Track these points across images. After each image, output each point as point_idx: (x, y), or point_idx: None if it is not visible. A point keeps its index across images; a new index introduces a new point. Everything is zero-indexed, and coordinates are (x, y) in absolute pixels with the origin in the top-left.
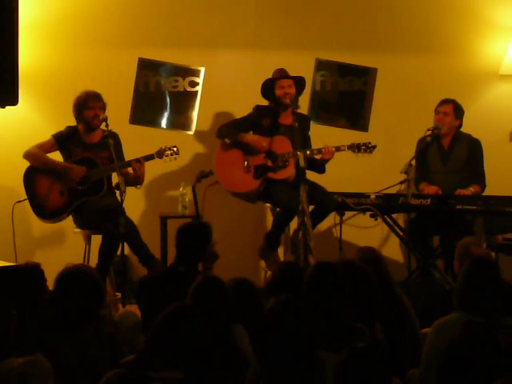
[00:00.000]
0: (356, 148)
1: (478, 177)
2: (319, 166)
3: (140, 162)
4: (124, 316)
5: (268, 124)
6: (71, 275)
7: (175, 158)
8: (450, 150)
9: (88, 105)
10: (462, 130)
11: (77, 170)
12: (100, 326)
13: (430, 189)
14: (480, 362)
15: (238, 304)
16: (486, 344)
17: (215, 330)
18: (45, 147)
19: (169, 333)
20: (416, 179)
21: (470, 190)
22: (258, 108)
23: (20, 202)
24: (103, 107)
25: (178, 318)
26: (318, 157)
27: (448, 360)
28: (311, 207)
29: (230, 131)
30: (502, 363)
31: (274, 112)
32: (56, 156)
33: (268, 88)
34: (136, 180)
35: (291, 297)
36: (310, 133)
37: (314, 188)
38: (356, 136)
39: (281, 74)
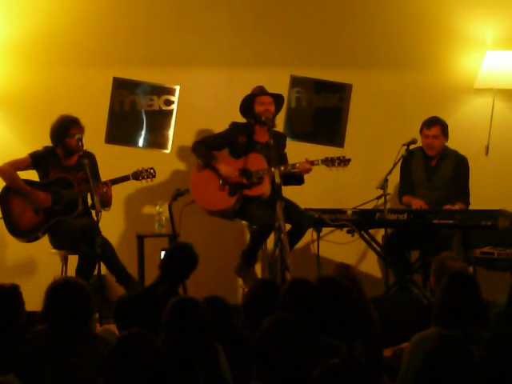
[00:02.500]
0: (330, 162)
1: (463, 194)
2: (298, 179)
3: (107, 184)
4: (102, 335)
5: (244, 141)
6: (63, 287)
7: (151, 180)
8: (437, 167)
9: (70, 132)
10: None
11: (41, 200)
12: (93, 345)
13: (416, 202)
14: (454, 375)
15: (211, 321)
16: (459, 357)
17: (194, 350)
18: (20, 165)
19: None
20: (399, 193)
21: (456, 208)
22: (234, 125)
23: None
24: (82, 131)
25: (127, 347)
26: (294, 170)
27: (423, 373)
28: (288, 226)
29: (204, 152)
30: (477, 377)
31: (250, 129)
32: (32, 174)
33: (247, 104)
34: (103, 202)
35: (288, 315)
36: (286, 150)
37: (289, 207)
38: (332, 152)
39: (261, 90)
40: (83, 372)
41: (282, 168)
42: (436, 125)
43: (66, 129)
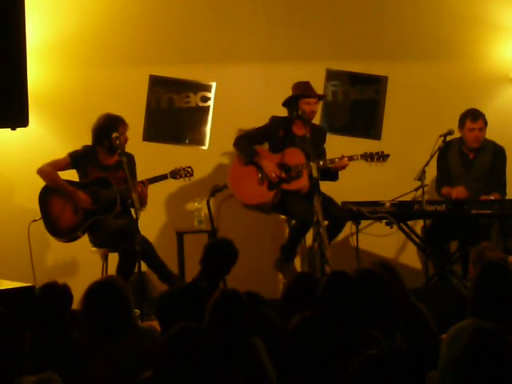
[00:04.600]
0: (369, 157)
1: (500, 185)
2: (333, 175)
3: (144, 183)
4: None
5: (283, 135)
6: (96, 286)
7: (189, 179)
8: (475, 158)
9: (119, 130)
10: None
11: (82, 200)
12: (135, 337)
13: (458, 190)
14: (492, 368)
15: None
16: (496, 350)
17: (237, 344)
18: (59, 165)
19: (174, 356)
20: (436, 185)
21: (491, 198)
22: (274, 119)
23: (35, 220)
24: (127, 129)
25: (183, 340)
26: (332, 165)
27: (461, 367)
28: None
29: (246, 148)
30: None
31: (290, 123)
32: (72, 173)
33: (292, 99)
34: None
35: (315, 313)
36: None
37: (327, 202)
38: (369, 144)
39: (308, 89)
40: (126, 365)
41: (321, 163)
42: (480, 117)
43: (113, 126)
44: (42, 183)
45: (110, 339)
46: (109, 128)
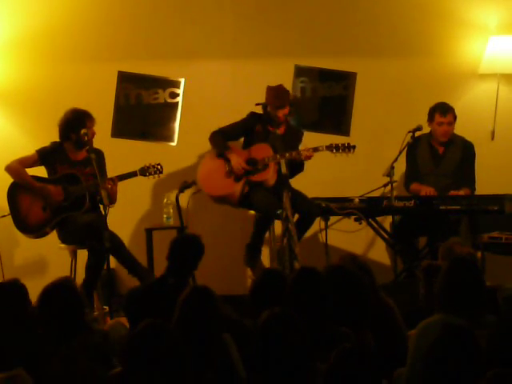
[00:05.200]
0: (334, 148)
1: (469, 181)
2: (298, 166)
3: (113, 180)
4: (114, 327)
5: (260, 130)
6: (50, 289)
7: (159, 176)
8: (444, 154)
9: (86, 124)
10: None
11: (53, 193)
12: (88, 337)
13: (425, 188)
14: (461, 364)
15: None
16: (465, 347)
17: (207, 340)
18: (27, 162)
19: (144, 352)
20: (405, 181)
21: (461, 193)
22: (252, 114)
23: (4, 216)
24: (94, 124)
25: (149, 336)
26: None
27: (430, 364)
28: (295, 216)
29: (220, 142)
30: (484, 363)
31: (266, 120)
32: (41, 170)
33: (263, 104)
34: (108, 198)
35: (285, 309)
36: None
37: (297, 196)
38: (338, 140)
39: (278, 97)
40: (80, 364)
41: (287, 155)
42: (450, 111)
43: (81, 120)
44: (9, 180)
45: (63, 339)
46: (76, 122)
